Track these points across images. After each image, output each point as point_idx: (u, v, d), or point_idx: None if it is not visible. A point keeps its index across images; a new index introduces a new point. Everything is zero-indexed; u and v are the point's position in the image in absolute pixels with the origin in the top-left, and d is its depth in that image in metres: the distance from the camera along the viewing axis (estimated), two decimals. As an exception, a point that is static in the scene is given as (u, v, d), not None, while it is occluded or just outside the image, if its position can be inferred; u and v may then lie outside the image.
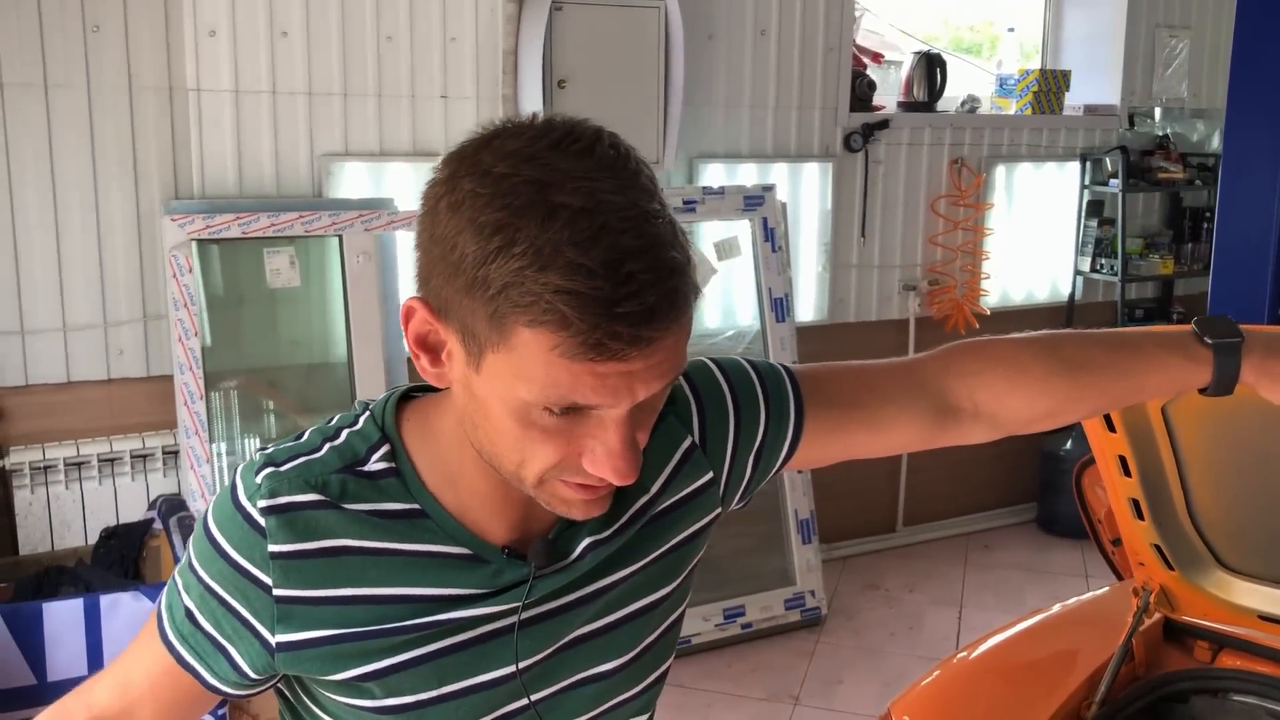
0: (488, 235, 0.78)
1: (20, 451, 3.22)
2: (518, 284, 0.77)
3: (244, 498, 0.92)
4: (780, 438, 1.09)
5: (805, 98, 4.26)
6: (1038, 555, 4.70)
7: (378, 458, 0.94)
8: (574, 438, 0.84)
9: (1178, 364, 1.12)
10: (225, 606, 0.93)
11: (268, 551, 0.91)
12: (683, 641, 3.74)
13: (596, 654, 1.01)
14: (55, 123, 3.19)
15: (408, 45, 3.54)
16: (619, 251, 0.77)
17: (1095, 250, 4.94)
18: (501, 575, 0.95)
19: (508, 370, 0.80)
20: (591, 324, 0.76)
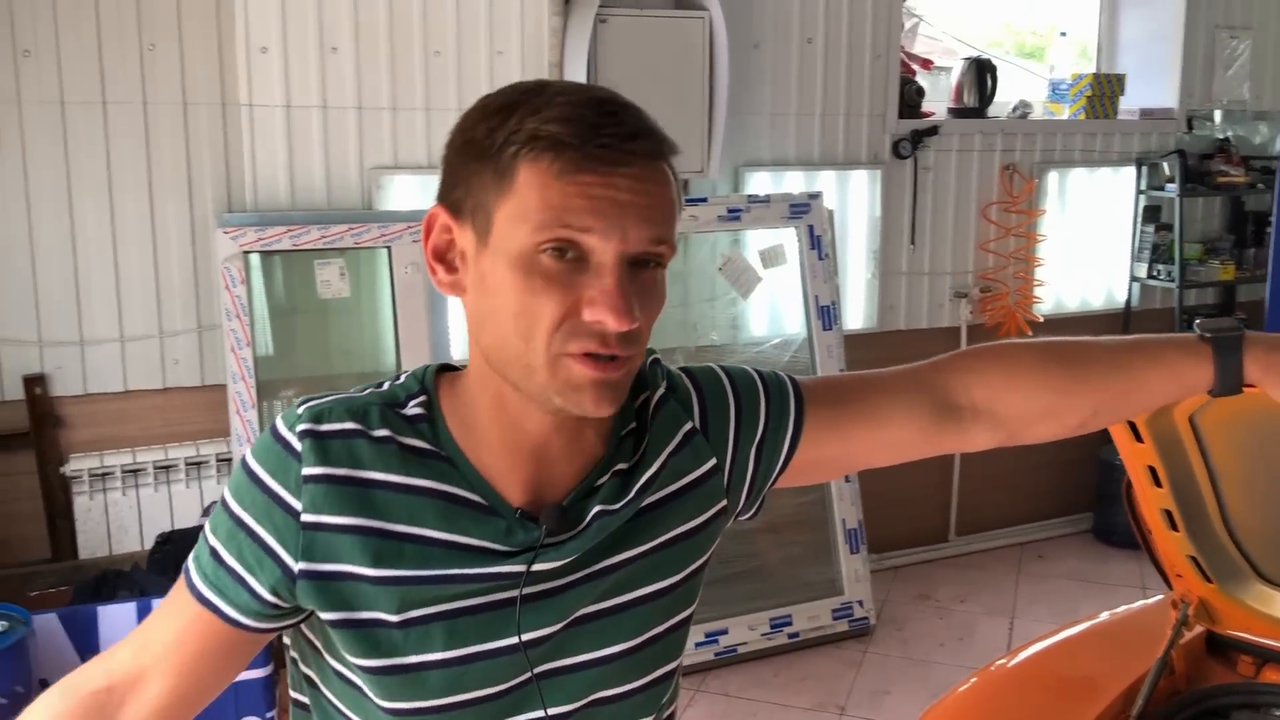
0: (493, 112, 0.91)
1: (80, 459, 3.31)
2: (516, 130, 0.89)
3: (284, 427, 0.97)
4: (781, 432, 1.11)
5: (853, 105, 4.25)
6: (1093, 566, 4.62)
7: (415, 404, 1.00)
8: (573, 288, 0.89)
9: (1177, 359, 1.11)
10: (251, 536, 0.96)
11: (301, 474, 0.95)
12: (729, 650, 3.77)
13: (600, 636, 1.03)
14: (113, 138, 3.29)
15: (455, 59, 3.59)
16: (603, 97, 0.91)
17: (1152, 256, 4.85)
18: (513, 534, 0.97)
19: (510, 218, 0.89)
20: (580, 140, 0.87)
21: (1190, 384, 1.14)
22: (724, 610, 3.82)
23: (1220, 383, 1.11)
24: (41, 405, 3.27)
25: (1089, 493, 4.86)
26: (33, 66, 3.17)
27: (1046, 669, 2.09)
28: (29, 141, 3.20)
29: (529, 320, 0.90)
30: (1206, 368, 1.11)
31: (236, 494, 0.97)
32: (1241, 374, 1.11)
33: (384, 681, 0.97)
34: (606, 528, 1.01)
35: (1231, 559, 1.73)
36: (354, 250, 3.45)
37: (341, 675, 1.01)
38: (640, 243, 0.91)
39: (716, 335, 4.05)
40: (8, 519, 3.28)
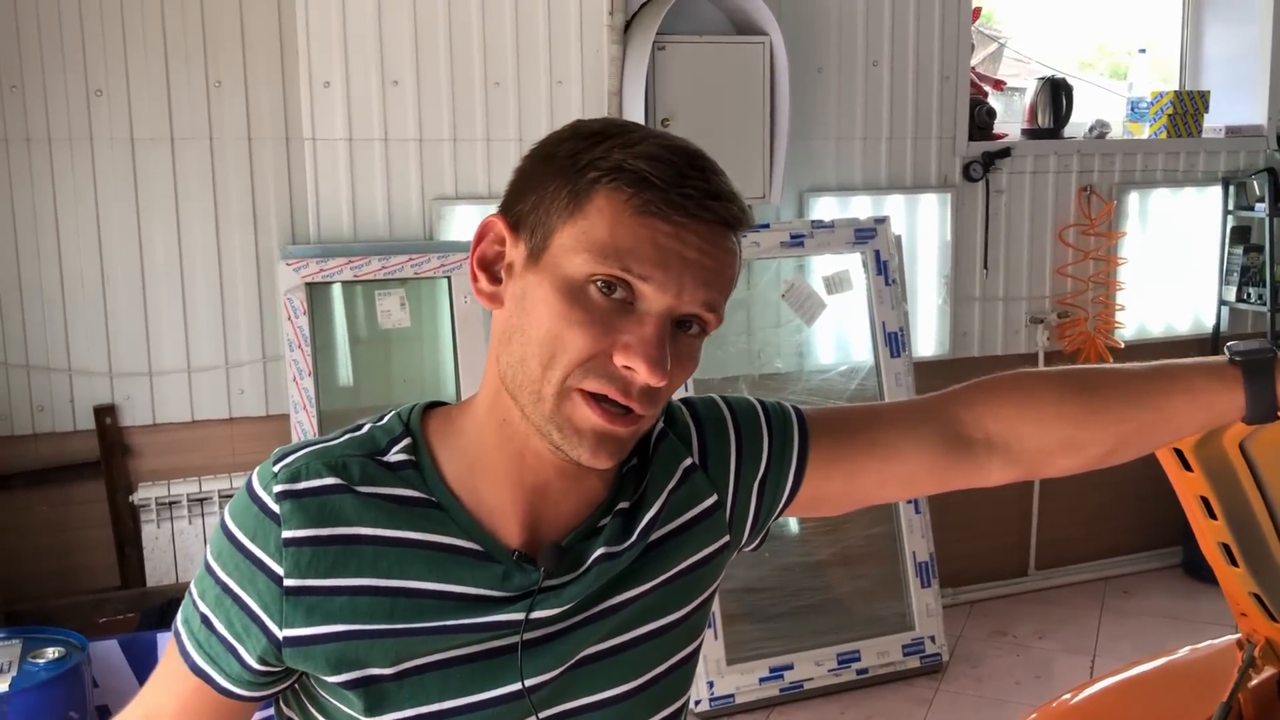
0: (585, 136, 0.90)
1: (148, 488, 3.38)
2: (605, 157, 0.87)
3: (259, 487, 0.93)
4: (785, 464, 1.07)
5: (921, 128, 4.17)
6: (1182, 602, 4.42)
7: (398, 449, 0.96)
8: (611, 329, 0.87)
9: (1205, 384, 1.04)
10: (237, 602, 0.93)
11: (281, 538, 0.91)
12: (794, 686, 3.69)
13: (604, 677, 1.00)
14: (181, 174, 3.37)
15: (515, 90, 3.61)
16: (695, 152, 0.90)
17: (1242, 278, 4.66)
18: (510, 579, 0.94)
19: (572, 242, 0.87)
20: (666, 182, 0.86)
21: (1220, 411, 1.07)
22: (790, 645, 3.73)
23: (1253, 410, 1.04)
24: (111, 435, 3.35)
25: (1178, 525, 4.63)
26: (104, 105, 3.27)
27: (1109, 708, 2.00)
28: (101, 179, 3.30)
29: (556, 348, 0.87)
30: (1237, 394, 1.04)
31: (219, 558, 0.94)
32: (1276, 399, 1.03)
33: None
34: (608, 571, 0.98)
35: (1297, 596, 1.62)
36: (414, 280, 3.48)
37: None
38: (693, 303, 0.89)
39: (781, 363, 3.99)
40: (78, 547, 3.36)
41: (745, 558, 3.89)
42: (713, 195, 0.87)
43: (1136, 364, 1.10)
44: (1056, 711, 2.02)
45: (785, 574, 3.83)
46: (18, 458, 3.30)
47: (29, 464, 3.31)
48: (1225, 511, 1.53)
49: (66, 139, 3.25)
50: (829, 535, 3.92)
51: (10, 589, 3.18)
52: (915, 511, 3.90)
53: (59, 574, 3.34)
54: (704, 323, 0.91)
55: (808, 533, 3.92)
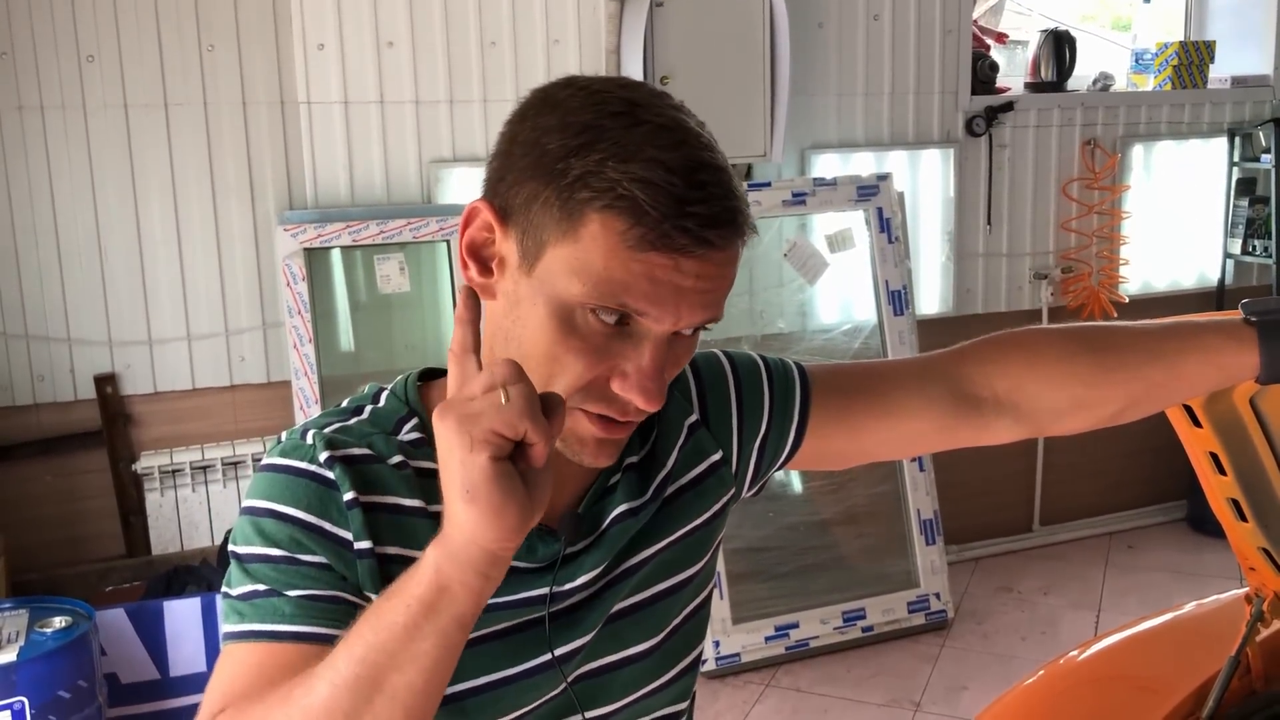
0: (574, 132, 0.82)
1: (151, 456, 3.37)
2: (597, 172, 0.80)
3: (299, 461, 0.88)
4: (786, 423, 1.07)
5: (923, 82, 4.12)
6: (1187, 557, 4.42)
7: (409, 429, 0.93)
8: (608, 355, 0.84)
9: (1218, 344, 1.02)
10: (324, 569, 0.86)
11: (343, 501, 0.87)
12: (800, 644, 3.69)
13: (629, 635, 1.00)
14: (175, 140, 3.33)
15: (511, 49, 3.57)
16: (696, 161, 0.82)
17: (1247, 231, 4.62)
18: (533, 551, 0.93)
19: (566, 265, 0.82)
20: (663, 214, 0.79)
21: (1234, 371, 1.05)
22: (796, 604, 3.74)
23: (1267, 370, 1.02)
24: (112, 404, 3.33)
25: (1183, 479, 4.65)
26: (96, 72, 3.23)
27: (1116, 665, 1.99)
28: (94, 146, 3.26)
29: (553, 369, 0.85)
30: (1251, 353, 1.02)
31: (268, 536, 0.86)
32: None
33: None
34: (629, 529, 0.98)
35: (1307, 550, 1.61)
36: (413, 245, 3.45)
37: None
38: (690, 324, 0.85)
39: (784, 323, 3.97)
40: (82, 516, 3.36)
41: (751, 518, 3.90)
42: (712, 222, 0.81)
43: (1147, 321, 1.08)
44: (1064, 668, 2.02)
45: (790, 533, 3.83)
46: (20, 428, 3.29)
47: (31, 434, 3.30)
48: (1235, 467, 1.51)
49: (59, 106, 3.21)
50: (834, 494, 3.92)
51: (16, 559, 3.18)
52: (919, 469, 3.89)
53: (64, 544, 3.34)
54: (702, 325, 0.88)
55: (812, 492, 3.92)
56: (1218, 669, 1.75)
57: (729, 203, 0.82)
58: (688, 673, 1.06)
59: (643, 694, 1.02)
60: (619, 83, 0.86)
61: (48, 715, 2.48)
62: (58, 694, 2.50)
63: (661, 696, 1.03)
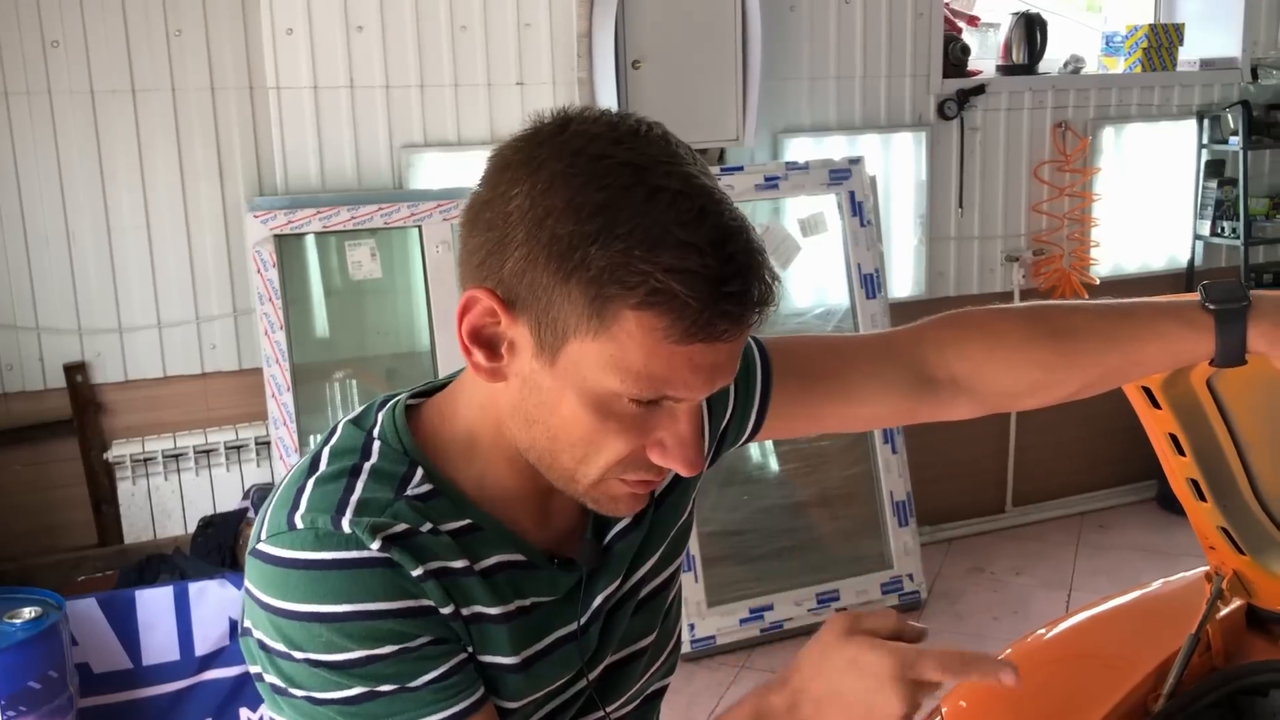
0: (587, 215, 0.76)
1: (122, 445, 3.36)
2: (624, 264, 0.75)
3: (348, 551, 0.82)
4: (747, 409, 1.08)
5: (895, 66, 4.13)
6: (1157, 535, 4.47)
7: (415, 482, 0.88)
8: (646, 431, 0.83)
9: (1176, 331, 1.03)
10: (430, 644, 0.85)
11: (412, 575, 0.83)
12: (774, 626, 3.72)
13: (637, 631, 1.02)
14: (143, 126, 3.30)
15: (482, 34, 3.55)
16: (721, 232, 0.77)
17: (1216, 213, 4.66)
18: (556, 583, 0.94)
19: (598, 359, 0.79)
20: (703, 303, 0.76)
21: (1190, 356, 1.06)
22: (770, 586, 3.76)
23: (1222, 356, 1.03)
24: (83, 393, 3.31)
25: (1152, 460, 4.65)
26: (61, 57, 3.20)
27: (1081, 643, 2.02)
28: (61, 132, 3.23)
29: (590, 450, 0.84)
30: (1207, 339, 1.03)
31: (383, 639, 0.82)
32: (1245, 345, 1.02)
33: None
34: (634, 543, 0.99)
35: (1264, 530, 1.64)
36: (385, 230, 3.44)
37: None
38: (723, 385, 0.84)
39: (757, 307, 3.97)
40: (54, 505, 3.34)
41: (726, 501, 3.90)
42: (750, 299, 0.78)
43: (1105, 302, 1.09)
44: (1032, 646, 2.04)
45: (765, 516, 3.85)
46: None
47: (0, 424, 3.27)
48: (1194, 448, 1.53)
49: (24, 92, 3.18)
50: (808, 476, 3.94)
51: (-13, 549, 3.17)
52: (892, 451, 3.91)
53: (36, 533, 3.32)
54: None
55: (787, 474, 3.94)
56: (1179, 646, 1.77)
57: (760, 270, 0.79)
58: (676, 648, 1.09)
59: (646, 678, 1.05)
60: (612, 138, 0.80)
61: (18, 706, 2.48)
62: (28, 685, 2.49)
63: (656, 675, 1.06)
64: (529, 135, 0.82)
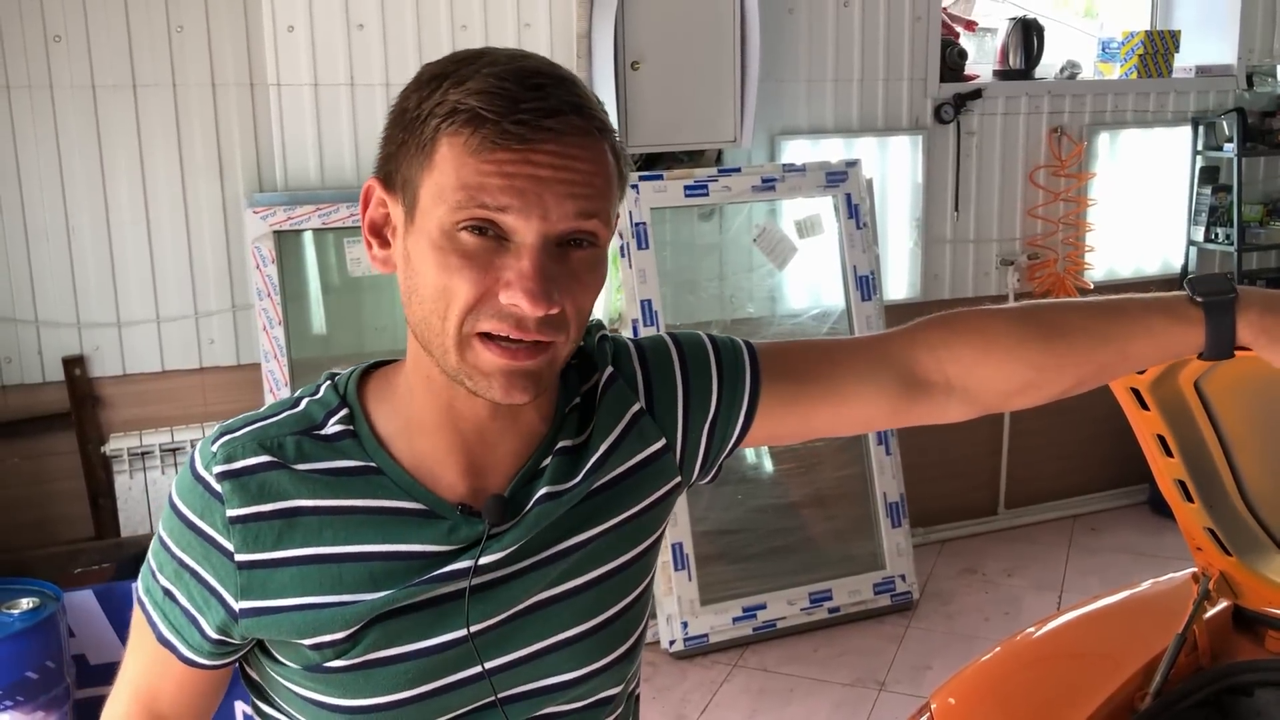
0: (425, 81, 0.88)
1: (120, 438, 3.37)
2: (441, 101, 0.86)
3: (201, 466, 0.95)
4: (735, 407, 1.07)
5: (892, 69, 4.15)
6: (1148, 539, 4.50)
7: (334, 421, 0.97)
8: (490, 268, 0.87)
9: (1165, 326, 1.04)
10: (195, 576, 0.95)
11: (227, 516, 0.93)
12: (767, 625, 3.74)
13: (555, 622, 1.01)
14: (144, 121, 3.32)
15: (482, 33, 3.57)
16: (533, 69, 0.87)
17: (1210, 219, 4.69)
18: (456, 532, 0.95)
19: (430, 195, 0.86)
20: (497, 115, 0.84)
21: (1179, 350, 1.07)
22: (763, 585, 3.78)
23: (1211, 348, 1.04)
24: (81, 386, 3.33)
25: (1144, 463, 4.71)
26: (63, 52, 3.21)
27: (1069, 642, 2.04)
28: (62, 127, 3.24)
29: (447, 299, 0.88)
30: (1196, 332, 1.04)
31: (171, 534, 0.97)
32: (1234, 338, 1.04)
33: (332, 680, 0.96)
34: (551, 513, 0.98)
35: (1250, 531, 1.66)
36: (384, 228, 3.45)
37: (292, 691, 1.00)
38: (564, 220, 0.87)
39: (753, 307, 4.00)
40: (51, 498, 3.35)
41: (720, 500, 3.92)
42: (550, 112, 0.85)
43: (1094, 299, 1.10)
44: (1020, 644, 2.06)
45: (758, 515, 3.87)
46: (-13, 410, 3.29)
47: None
48: (1181, 449, 1.55)
49: (26, 86, 3.19)
50: (802, 477, 3.96)
51: (-16, 541, 3.18)
52: (886, 453, 3.94)
53: (33, 526, 3.33)
54: (589, 235, 0.89)
55: (781, 474, 3.96)
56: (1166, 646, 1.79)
57: (569, 97, 0.87)
58: (626, 658, 1.06)
59: (572, 678, 1.02)
60: (483, 47, 0.91)
61: (15, 696, 2.49)
62: (25, 675, 2.51)
63: (595, 683, 1.03)
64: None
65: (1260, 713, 1.73)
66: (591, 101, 0.89)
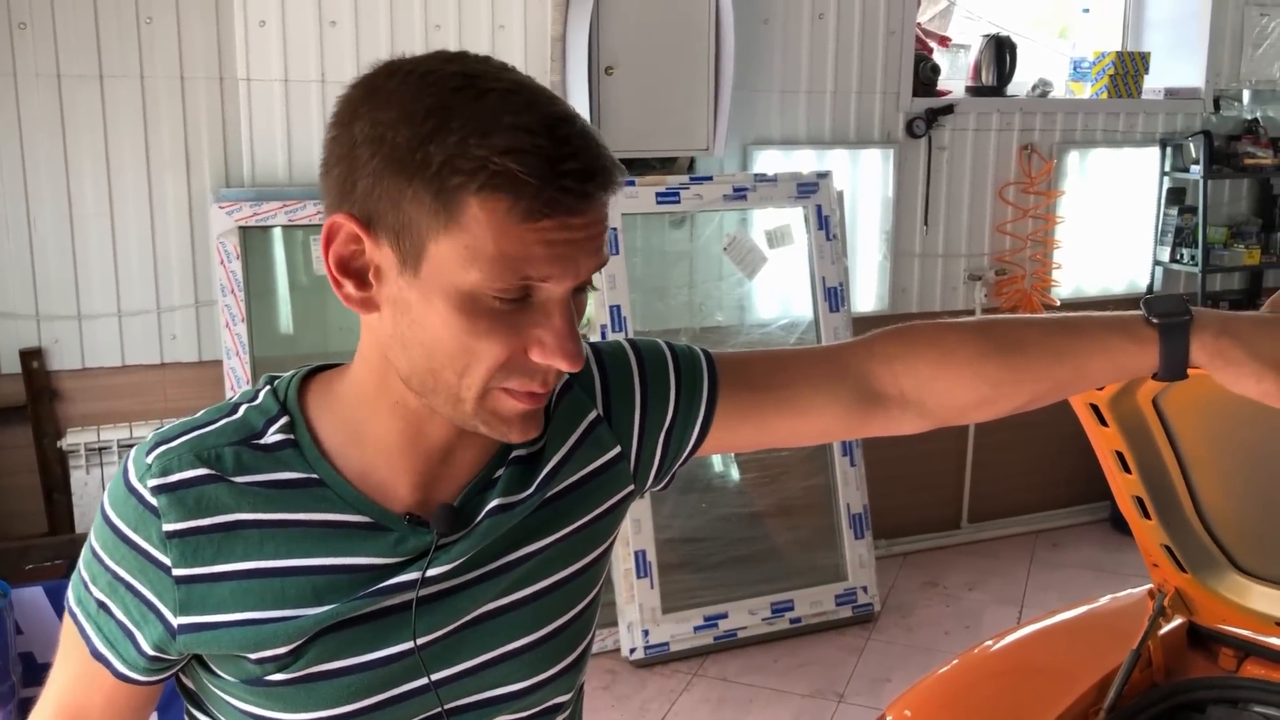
0: (421, 119, 0.80)
1: (77, 433, 3.32)
2: (461, 154, 0.79)
3: (135, 478, 0.91)
4: (692, 417, 1.06)
5: (865, 83, 4.17)
6: (1108, 555, 4.53)
7: (275, 430, 0.94)
8: (520, 329, 0.84)
9: (1121, 345, 1.04)
10: (131, 590, 0.92)
11: (163, 531, 0.90)
12: (728, 634, 3.73)
13: (504, 632, 0.99)
14: (110, 113, 3.28)
15: (456, 33, 3.56)
16: (552, 117, 0.81)
17: (1176, 239, 4.74)
18: (404, 543, 0.93)
19: (455, 255, 0.81)
20: (541, 180, 0.79)
21: (1134, 369, 1.07)
22: (725, 594, 3.78)
23: (1165, 370, 1.04)
24: (38, 379, 3.28)
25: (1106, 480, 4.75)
26: (28, 39, 3.17)
27: (1026, 657, 2.04)
28: (25, 116, 3.20)
29: (469, 359, 0.85)
30: (1151, 353, 1.04)
31: (105, 547, 0.93)
32: (1187, 360, 1.03)
33: (273, 694, 0.94)
34: (502, 524, 0.97)
35: (1206, 548, 1.66)
36: (351, 226, 3.42)
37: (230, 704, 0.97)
38: (589, 274, 0.86)
39: (722, 316, 4.00)
40: (4, 493, 3.30)
41: (684, 509, 3.91)
42: (589, 174, 0.81)
43: (1052, 316, 1.10)
44: (978, 658, 2.07)
45: (722, 524, 3.87)
46: (-59, 401, 3.23)
47: (-47, 408, 3.24)
48: (1139, 466, 1.56)
49: (-11, 74, 3.15)
50: (767, 486, 3.96)
51: (-66, 534, 3.13)
52: (851, 464, 3.94)
53: (-15, 520, 3.29)
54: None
55: (746, 483, 3.96)
56: (1121, 661, 1.80)
57: (597, 150, 0.83)
58: (573, 668, 1.05)
59: (520, 689, 1.01)
60: (443, 58, 0.85)
61: (-40, 692, 2.44)
62: (-29, 671, 2.46)
63: (544, 692, 1.02)
64: (365, 74, 0.87)
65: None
66: (604, 144, 0.85)
